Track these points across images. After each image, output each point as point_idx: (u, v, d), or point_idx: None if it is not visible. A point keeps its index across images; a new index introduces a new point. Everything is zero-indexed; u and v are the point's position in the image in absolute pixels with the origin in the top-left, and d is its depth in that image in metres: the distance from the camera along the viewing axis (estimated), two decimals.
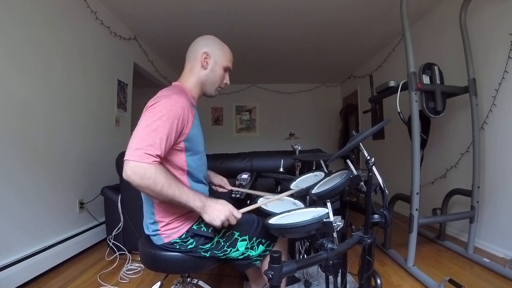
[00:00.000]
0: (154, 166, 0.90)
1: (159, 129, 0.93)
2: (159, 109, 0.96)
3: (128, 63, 3.42)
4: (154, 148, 0.91)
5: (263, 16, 3.13)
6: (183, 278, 1.29)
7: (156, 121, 0.94)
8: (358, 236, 1.00)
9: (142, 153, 0.89)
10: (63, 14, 2.28)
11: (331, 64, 4.91)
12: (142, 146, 0.90)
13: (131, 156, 0.89)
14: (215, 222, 0.98)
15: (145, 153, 0.89)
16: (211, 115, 6.23)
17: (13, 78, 1.82)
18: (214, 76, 1.18)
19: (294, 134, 2.07)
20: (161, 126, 0.94)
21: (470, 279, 1.80)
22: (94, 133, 2.70)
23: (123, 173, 0.90)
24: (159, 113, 0.95)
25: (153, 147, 0.91)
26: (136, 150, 0.90)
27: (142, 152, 0.89)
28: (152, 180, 0.89)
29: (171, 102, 0.99)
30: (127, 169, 0.89)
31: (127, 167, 0.89)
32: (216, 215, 0.98)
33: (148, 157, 0.90)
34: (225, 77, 1.22)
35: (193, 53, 1.18)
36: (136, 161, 0.88)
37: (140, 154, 0.89)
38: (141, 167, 0.88)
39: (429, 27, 3.00)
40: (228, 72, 1.23)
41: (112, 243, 2.23)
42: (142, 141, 0.91)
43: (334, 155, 1.09)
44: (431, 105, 2.03)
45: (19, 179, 1.85)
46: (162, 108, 0.97)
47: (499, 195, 2.20)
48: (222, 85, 1.23)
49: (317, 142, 5.42)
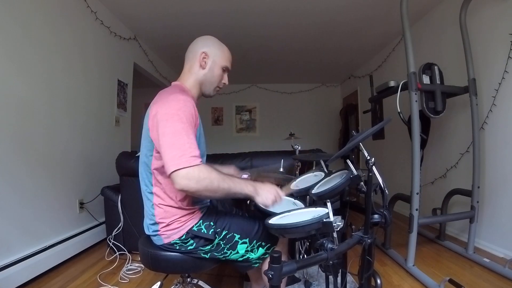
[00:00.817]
0: (204, 166, 0.92)
1: (187, 131, 0.94)
2: (175, 112, 0.96)
3: (128, 63, 3.42)
4: (194, 150, 0.92)
5: (263, 16, 3.13)
6: (183, 278, 1.29)
7: (179, 124, 0.94)
8: (358, 236, 1.00)
9: (188, 158, 0.90)
10: (63, 14, 2.28)
11: (331, 64, 4.91)
12: (183, 152, 0.90)
13: (179, 165, 0.89)
14: (268, 201, 1.02)
15: (190, 156, 0.90)
16: (211, 115, 6.23)
17: (13, 78, 1.82)
18: (212, 76, 1.18)
19: (294, 134, 2.07)
20: (186, 129, 0.94)
21: (470, 279, 1.80)
22: (94, 133, 2.70)
23: (176, 185, 0.90)
24: (177, 116, 0.96)
25: (192, 149, 0.92)
26: (180, 157, 0.90)
27: (188, 157, 0.90)
28: (208, 179, 0.91)
29: (181, 103, 0.99)
30: (182, 179, 0.89)
31: (180, 176, 0.89)
32: (267, 196, 1.03)
33: (194, 159, 0.91)
34: (224, 77, 1.22)
35: (192, 53, 1.18)
36: (187, 168, 0.89)
37: (187, 160, 0.90)
38: (194, 172, 0.89)
39: (429, 27, 3.00)
40: (227, 72, 1.23)
41: (112, 243, 2.23)
42: (180, 147, 0.91)
43: (334, 155, 1.09)
44: (431, 105, 2.03)
45: (19, 179, 1.85)
46: (177, 111, 0.97)
47: (499, 195, 2.20)
48: (220, 85, 1.23)
49: (317, 142, 5.42)
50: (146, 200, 1.12)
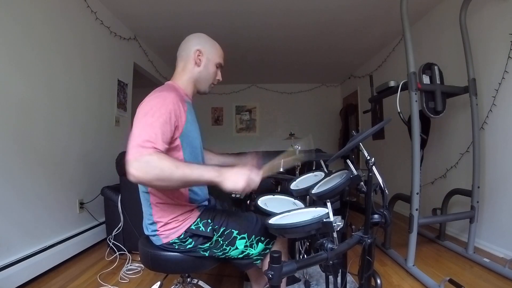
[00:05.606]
0: (156, 154, 0.86)
1: (153, 124, 0.92)
2: (150, 107, 0.96)
3: (128, 63, 3.42)
4: (151, 141, 0.89)
5: (263, 16, 3.13)
6: (183, 278, 1.29)
7: (149, 118, 0.93)
8: (358, 236, 1.00)
9: (139, 148, 0.86)
10: (63, 14, 2.28)
11: (331, 64, 4.90)
12: (138, 142, 0.87)
13: (130, 155, 0.86)
14: (238, 185, 0.91)
15: (141, 146, 0.87)
16: (211, 115, 6.22)
17: (13, 78, 1.82)
18: (207, 73, 1.20)
19: (294, 134, 2.07)
20: (154, 122, 0.92)
21: (470, 279, 1.80)
22: (94, 133, 2.70)
23: (129, 176, 0.86)
24: (150, 111, 0.95)
25: (150, 141, 0.88)
26: (133, 147, 0.87)
27: (139, 147, 0.87)
28: (159, 168, 0.85)
29: (160, 98, 0.99)
30: (131, 169, 0.84)
31: (130, 167, 0.84)
32: (236, 179, 0.91)
33: (145, 149, 0.86)
34: (218, 74, 1.25)
35: (185, 51, 1.19)
36: (136, 157, 0.85)
37: (138, 149, 0.86)
38: (142, 161, 0.85)
39: (429, 27, 3.00)
40: (220, 68, 1.25)
41: (112, 243, 2.23)
42: (138, 137, 0.89)
43: (334, 155, 1.09)
44: (431, 105, 2.03)
45: (19, 179, 1.85)
46: (152, 106, 0.96)
47: (499, 195, 2.20)
48: (215, 81, 1.25)
49: (317, 142, 5.41)
50: (144, 200, 1.12)
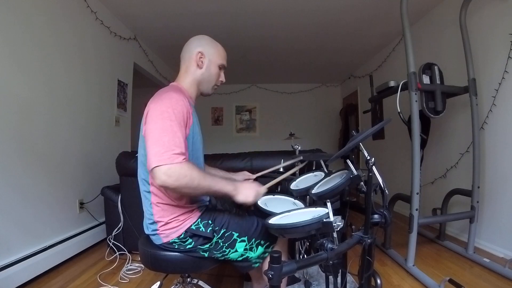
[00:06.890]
0: (186, 164, 0.93)
1: (174, 128, 0.95)
2: (166, 109, 0.97)
3: (128, 63, 3.42)
4: (178, 147, 0.93)
5: (263, 16, 3.13)
6: (183, 278, 1.29)
7: (168, 122, 0.95)
8: (358, 236, 1.00)
9: (171, 155, 0.90)
10: (64, 14, 2.28)
11: (331, 64, 4.90)
12: (167, 149, 0.91)
13: (161, 161, 0.89)
14: (249, 199, 1.05)
15: (173, 154, 0.91)
16: (211, 115, 6.23)
17: (14, 78, 1.82)
18: (210, 75, 1.20)
19: (294, 134, 2.07)
20: (174, 126, 0.95)
21: (470, 279, 1.80)
22: (94, 133, 2.70)
23: (156, 180, 0.90)
24: (166, 113, 0.97)
25: (177, 146, 0.92)
26: (163, 154, 0.90)
27: (170, 154, 0.90)
28: (189, 177, 0.91)
29: (173, 101, 1.01)
30: (161, 175, 0.89)
31: (160, 172, 0.89)
32: (248, 193, 1.05)
33: (177, 156, 0.91)
34: (221, 75, 1.24)
35: (187, 53, 1.19)
36: (168, 164, 0.89)
37: (169, 156, 0.90)
38: (175, 169, 0.90)
39: (429, 27, 3.00)
40: (223, 70, 1.25)
41: (112, 243, 2.23)
42: (165, 144, 0.92)
43: (334, 155, 1.09)
44: (431, 105, 2.03)
45: (19, 179, 1.85)
46: (167, 108, 0.98)
47: (499, 195, 2.20)
48: (218, 83, 1.25)
49: (317, 142, 5.42)
50: (145, 199, 1.12)
